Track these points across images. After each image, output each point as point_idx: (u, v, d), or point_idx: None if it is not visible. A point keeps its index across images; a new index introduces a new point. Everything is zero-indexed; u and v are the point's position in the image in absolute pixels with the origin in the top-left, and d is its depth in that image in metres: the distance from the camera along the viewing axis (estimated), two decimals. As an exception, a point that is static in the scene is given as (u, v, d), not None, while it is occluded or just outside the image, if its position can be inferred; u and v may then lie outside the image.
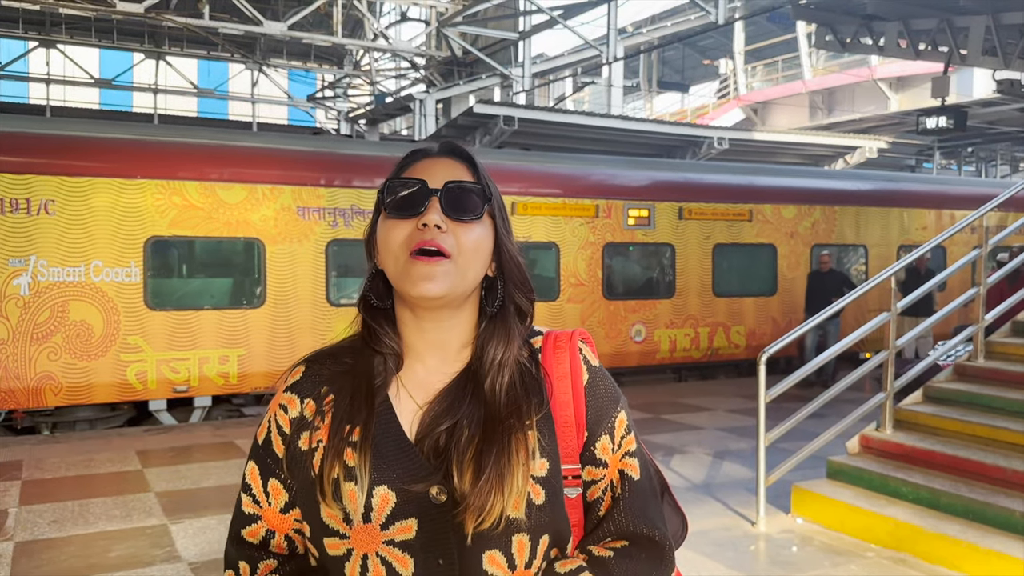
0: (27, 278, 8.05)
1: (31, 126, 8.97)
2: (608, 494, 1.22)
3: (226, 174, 9.00)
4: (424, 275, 1.11)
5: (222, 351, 8.92)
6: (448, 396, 1.17)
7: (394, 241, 1.14)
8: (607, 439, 1.22)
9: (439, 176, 1.16)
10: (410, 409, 1.16)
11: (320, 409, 1.16)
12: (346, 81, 21.77)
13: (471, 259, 1.15)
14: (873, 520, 5.04)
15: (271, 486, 1.19)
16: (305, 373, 1.21)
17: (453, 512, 1.08)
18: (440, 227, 1.12)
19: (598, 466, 1.21)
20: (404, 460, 1.11)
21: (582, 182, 11.14)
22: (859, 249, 13.18)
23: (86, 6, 13.85)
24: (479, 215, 1.16)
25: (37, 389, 8.11)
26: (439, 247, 1.12)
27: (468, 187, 1.16)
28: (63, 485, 6.46)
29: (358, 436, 1.11)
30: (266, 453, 1.20)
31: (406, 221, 1.14)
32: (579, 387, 1.21)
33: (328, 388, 1.18)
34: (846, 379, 5.89)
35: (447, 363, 1.20)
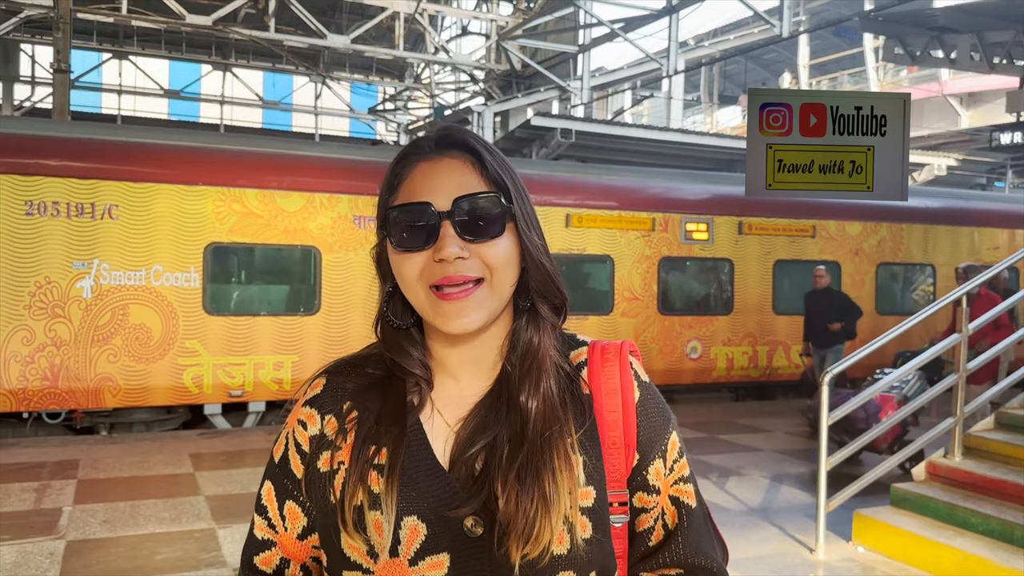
0: (90, 281, 8.23)
1: (96, 132, 9.20)
2: (659, 523, 1.09)
3: (285, 182, 9.10)
4: (456, 312, 0.99)
5: (277, 357, 9.00)
6: (481, 412, 1.05)
7: (409, 275, 1.01)
8: (660, 463, 1.09)
9: (444, 189, 1.00)
10: (441, 430, 1.05)
11: (343, 427, 1.05)
12: (406, 94, 21.99)
13: (505, 275, 1.02)
14: (940, 551, 4.79)
15: (288, 509, 1.08)
16: (326, 386, 1.09)
17: (492, 545, 0.97)
18: (463, 257, 0.99)
19: (650, 493, 1.09)
20: (436, 487, 1.00)
21: (638, 195, 10.98)
22: (927, 268, 12.75)
23: (157, 19, 14.24)
24: (500, 231, 1.01)
25: (96, 390, 8.27)
26: (464, 278, 0.99)
27: (482, 200, 1.00)
28: (116, 485, 6.54)
29: (385, 459, 1.00)
30: (283, 472, 1.09)
31: (419, 253, 1.00)
32: (630, 405, 1.08)
33: (352, 404, 1.06)
34: (912, 403, 5.65)
35: (481, 377, 1.07)
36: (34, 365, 8.04)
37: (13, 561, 4.80)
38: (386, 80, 21.95)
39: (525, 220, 1.05)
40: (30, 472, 6.85)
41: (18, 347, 7.98)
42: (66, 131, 8.95)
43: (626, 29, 14.12)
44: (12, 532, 5.29)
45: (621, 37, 14.05)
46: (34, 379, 8.04)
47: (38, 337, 8.05)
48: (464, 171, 1.03)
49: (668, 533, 1.09)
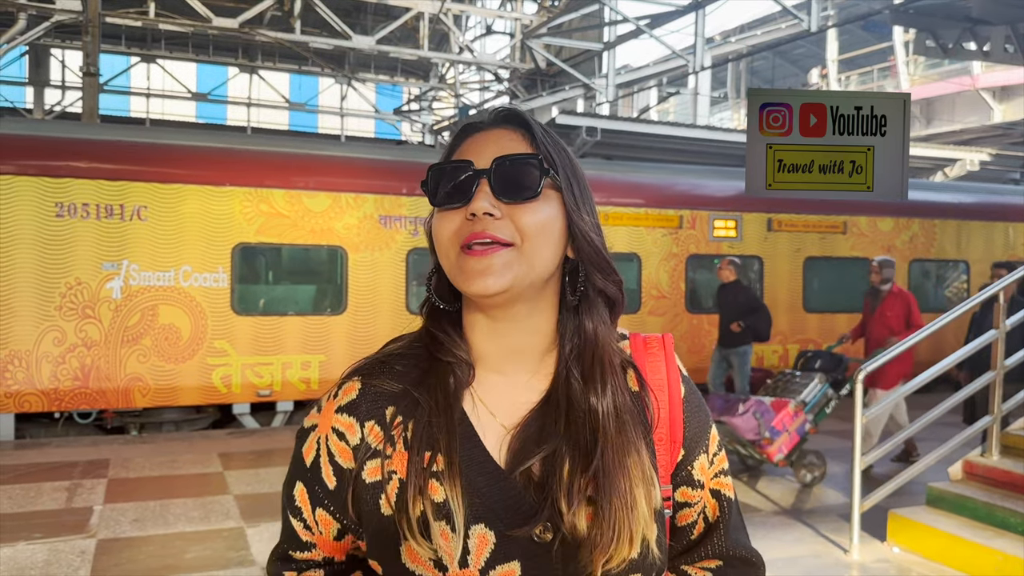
0: (119, 282, 8.30)
1: (124, 134, 9.28)
2: (701, 516, 1.08)
3: (311, 182, 9.12)
4: (479, 270, 0.94)
5: (304, 357, 9.02)
6: (539, 418, 1.00)
7: (444, 235, 0.98)
8: (704, 458, 1.08)
9: (488, 152, 0.99)
10: (494, 430, 1.00)
11: (389, 435, 0.99)
12: (431, 94, 22.02)
13: (538, 243, 0.97)
14: (978, 552, 4.68)
15: (319, 515, 1.05)
16: (362, 391, 1.03)
17: (561, 550, 0.94)
18: (492, 214, 0.95)
19: (694, 488, 1.07)
20: (500, 493, 0.96)
21: (665, 192, 10.89)
22: (960, 265, 12.52)
23: (184, 22, 14.35)
24: (537, 191, 0.97)
25: (127, 390, 8.34)
26: (493, 238, 0.95)
27: (521, 160, 0.98)
28: (146, 485, 6.58)
29: (442, 465, 0.95)
30: (314, 479, 1.04)
31: (455, 211, 0.98)
32: (677, 400, 1.05)
33: (395, 409, 1.00)
34: (945, 403, 5.54)
35: (529, 374, 1.03)
36: (65, 365, 8.12)
37: (45, 559, 4.83)
38: (411, 81, 21.99)
39: (573, 195, 1.02)
40: (61, 471, 6.92)
41: (49, 347, 8.07)
42: (95, 133, 9.05)
43: (652, 25, 14.02)
44: (44, 531, 5.34)
45: (647, 34, 13.95)
46: (65, 379, 8.12)
47: (69, 338, 8.13)
48: (512, 138, 1.01)
49: (709, 526, 1.08)
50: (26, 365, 8.01)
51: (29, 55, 18.95)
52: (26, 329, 8.01)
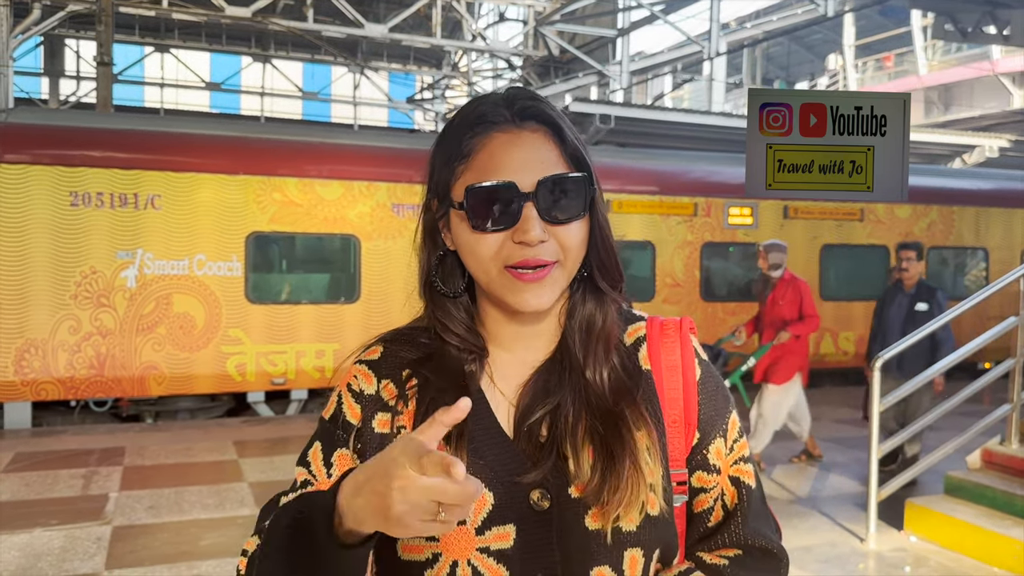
0: (134, 271, 8.33)
1: (138, 123, 9.30)
2: (718, 503, 1.06)
3: (324, 171, 9.11)
4: (534, 294, 0.97)
5: (318, 345, 9.04)
6: (541, 378, 1.02)
7: (484, 255, 0.98)
8: (720, 442, 1.06)
9: (527, 167, 0.96)
10: (501, 401, 1.03)
11: (402, 393, 1.03)
12: (444, 82, 21.96)
13: (577, 256, 1.01)
14: (997, 541, 4.63)
15: (337, 456, 1.03)
16: (384, 353, 1.08)
17: (559, 521, 0.95)
18: (543, 240, 0.96)
19: (710, 472, 1.05)
20: (502, 456, 0.99)
21: (680, 179, 10.81)
22: (979, 252, 12.39)
23: (197, 11, 14.36)
24: (583, 212, 0.99)
25: (142, 379, 8.38)
26: (543, 262, 0.96)
27: (568, 183, 0.97)
28: (161, 472, 6.62)
29: (452, 429, 0.95)
30: (334, 425, 1.04)
31: (497, 233, 0.97)
32: (691, 382, 1.05)
33: (411, 372, 1.04)
34: (964, 391, 5.48)
35: (537, 349, 1.05)
36: (81, 354, 8.17)
37: (61, 546, 4.87)
38: (423, 69, 21.93)
39: (598, 199, 1.03)
40: (77, 459, 6.97)
41: (65, 336, 8.12)
42: (109, 123, 9.07)
43: (666, 11, 13.93)
44: (60, 517, 5.37)
45: (661, 20, 13.85)
46: (81, 367, 8.17)
47: (84, 326, 8.17)
48: (546, 147, 0.99)
49: (727, 513, 1.06)
50: (42, 353, 8.06)
51: (44, 45, 19.01)
52: (42, 318, 8.06)
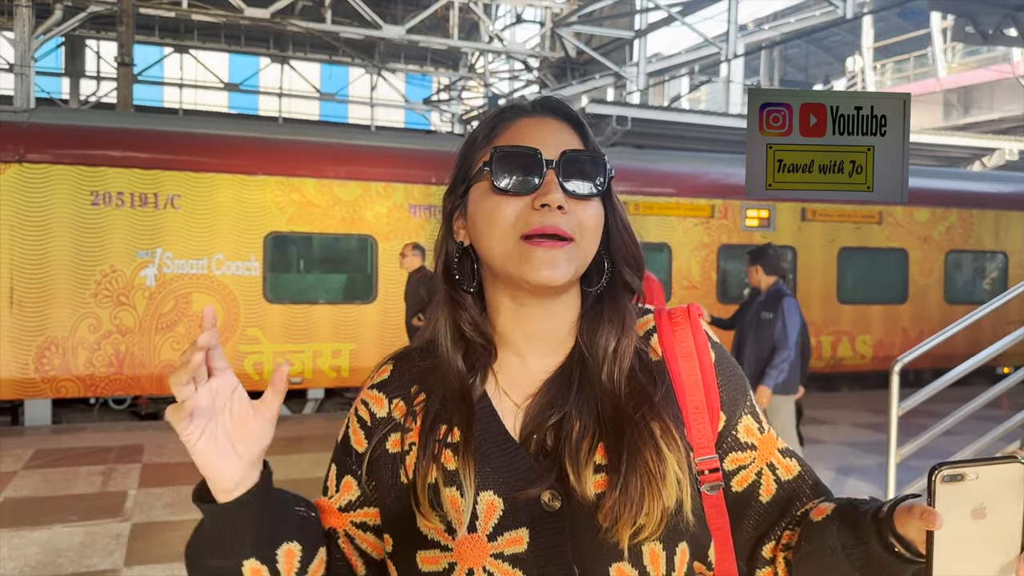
0: (153, 270, 8.40)
1: (158, 124, 9.38)
2: (768, 476, 1.05)
3: (342, 172, 9.16)
4: (548, 262, 0.96)
5: (335, 345, 9.07)
6: (551, 389, 1.02)
7: (503, 220, 0.98)
8: (750, 419, 1.06)
9: (551, 143, 1.00)
10: (509, 408, 1.03)
11: (411, 410, 1.04)
12: (461, 84, 22.00)
13: (593, 239, 1.01)
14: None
15: (344, 483, 1.06)
16: (393, 371, 1.09)
17: (571, 522, 0.94)
18: (563, 207, 0.97)
19: (744, 451, 1.05)
20: (510, 462, 0.98)
21: (697, 181, 10.78)
22: (998, 256, 12.29)
23: (217, 12, 14.46)
24: (602, 189, 1.01)
25: (161, 377, 8.44)
26: (561, 232, 0.97)
27: (588, 157, 1.01)
28: (180, 470, 6.66)
29: (458, 437, 0.98)
30: (344, 451, 1.08)
31: (517, 198, 0.98)
32: (708, 367, 1.05)
33: (419, 387, 1.05)
34: (983, 395, 5.42)
35: (547, 354, 1.05)
36: (100, 352, 8.24)
37: (81, 542, 4.91)
38: (440, 70, 21.99)
39: (615, 194, 1.06)
40: (97, 456, 7.03)
41: (85, 334, 8.19)
42: (129, 123, 9.15)
43: (684, 13, 13.89)
44: (80, 514, 5.42)
45: (679, 21, 13.82)
46: (100, 366, 8.24)
47: (104, 324, 8.25)
48: (569, 132, 1.04)
49: (795, 480, 1.06)
50: (62, 351, 8.14)
51: (65, 46, 19.21)
52: (62, 316, 8.14)
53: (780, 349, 5.89)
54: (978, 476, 0.79)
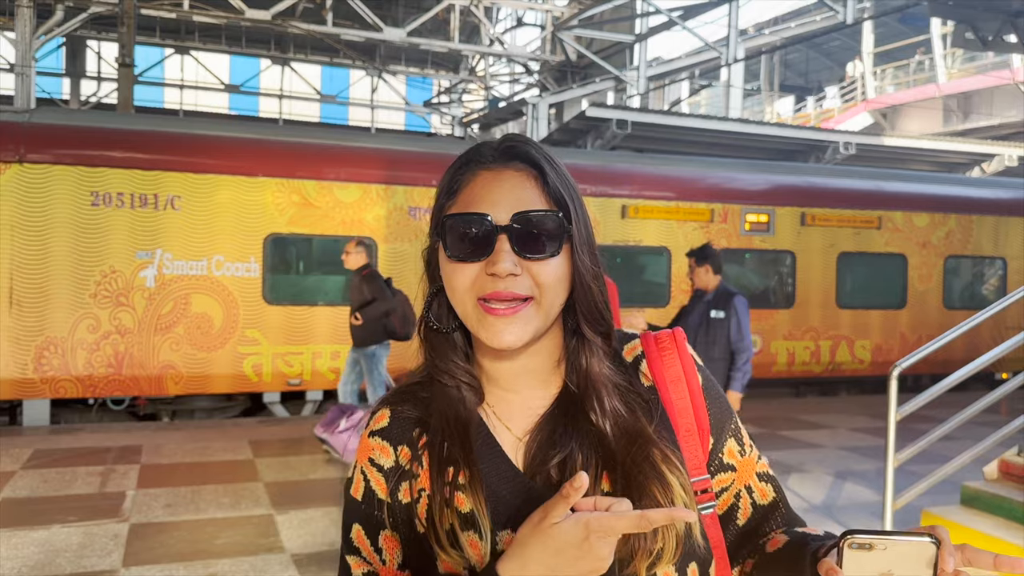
0: (153, 270, 8.40)
1: (159, 125, 9.38)
2: (745, 500, 1.08)
3: (342, 174, 9.17)
4: (502, 329, 0.96)
5: (334, 347, 9.08)
6: (550, 423, 1.02)
7: (460, 285, 0.99)
8: (733, 442, 1.09)
9: (504, 202, 0.98)
10: (510, 441, 1.03)
11: (416, 455, 1.03)
12: (461, 87, 22.01)
13: (554, 294, 0.99)
14: (1014, 553, 4.59)
15: (383, 540, 1.04)
16: (392, 417, 1.07)
17: None
18: (515, 273, 0.96)
19: (725, 471, 1.07)
20: (522, 498, 0.98)
21: (696, 185, 10.80)
22: (997, 262, 12.30)
23: (218, 14, 14.46)
24: (557, 250, 0.98)
25: (159, 378, 8.44)
26: (514, 296, 0.96)
27: (541, 218, 0.97)
28: (178, 471, 6.66)
29: (465, 478, 0.98)
30: (368, 507, 1.05)
31: (471, 264, 0.98)
32: (696, 390, 1.07)
33: (420, 431, 1.05)
34: (982, 400, 5.43)
35: (539, 387, 1.05)
36: (99, 352, 8.24)
37: (79, 542, 4.91)
38: (441, 73, 21.99)
39: (580, 241, 1.01)
40: (95, 456, 7.03)
41: (84, 335, 8.19)
42: (130, 124, 9.15)
43: (684, 17, 13.89)
44: (78, 514, 5.42)
45: (679, 26, 13.83)
46: (99, 366, 8.24)
47: (103, 325, 8.25)
48: (525, 185, 0.99)
49: (768, 507, 1.09)
50: (61, 352, 8.14)
51: (66, 47, 19.21)
52: (62, 316, 8.14)
53: (740, 351, 5.84)
54: (887, 548, 0.83)
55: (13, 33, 12.56)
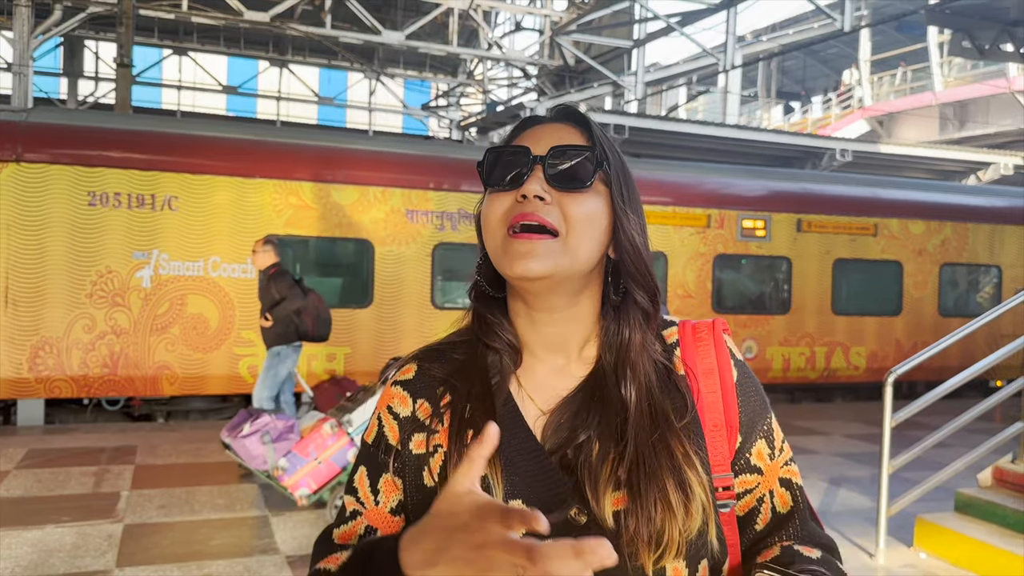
0: (149, 271, 8.39)
1: (157, 125, 9.38)
2: (767, 504, 1.06)
3: (340, 176, 9.17)
4: (523, 253, 0.96)
5: (329, 348, 9.06)
6: (573, 404, 1.02)
7: (493, 216, 1.01)
8: (763, 444, 1.06)
9: (545, 141, 1.02)
10: (533, 412, 1.03)
11: (437, 412, 1.04)
12: (459, 90, 22.03)
13: (582, 235, 0.98)
14: (1008, 560, 4.61)
15: (383, 483, 1.05)
16: (417, 372, 1.08)
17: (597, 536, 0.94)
18: (543, 198, 0.97)
19: (751, 473, 1.05)
20: (538, 473, 0.98)
21: (693, 190, 10.82)
22: (992, 270, 12.34)
23: (216, 15, 14.46)
24: (588, 183, 0.99)
25: (154, 378, 8.43)
26: (541, 221, 0.96)
27: (576, 151, 1.00)
28: (173, 472, 6.65)
29: None
30: (377, 450, 1.06)
31: (506, 194, 1.00)
32: (729, 385, 1.05)
33: (444, 388, 1.05)
34: (976, 408, 5.45)
35: (570, 362, 1.05)
36: (95, 352, 8.23)
37: (72, 543, 4.90)
38: (439, 76, 22.01)
39: (622, 193, 1.04)
40: (90, 457, 7.01)
41: (80, 335, 8.18)
42: (128, 124, 9.14)
43: (682, 23, 13.92)
44: (72, 514, 5.41)
45: (677, 31, 13.86)
46: (94, 366, 8.23)
47: (99, 325, 8.24)
48: (570, 132, 1.04)
49: (784, 515, 1.06)
50: (56, 352, 8.12)
51: (64, 46, 19.18)
52: (57, 316, 8.12)
53: None
54: None
55: (11, 32, 12.55)
